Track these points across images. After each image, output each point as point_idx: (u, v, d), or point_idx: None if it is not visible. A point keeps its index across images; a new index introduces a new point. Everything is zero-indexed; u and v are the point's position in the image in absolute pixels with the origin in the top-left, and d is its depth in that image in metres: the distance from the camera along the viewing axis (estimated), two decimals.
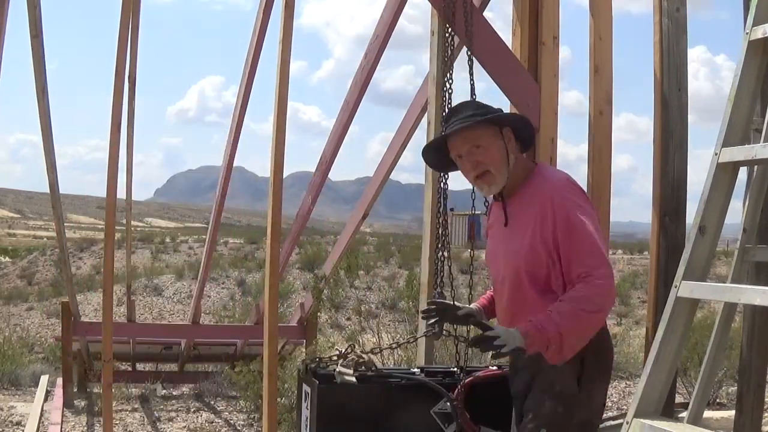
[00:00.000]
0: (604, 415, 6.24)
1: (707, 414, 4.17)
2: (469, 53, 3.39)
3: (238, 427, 6.93)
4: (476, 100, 2.68)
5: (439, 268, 3.55)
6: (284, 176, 4.11)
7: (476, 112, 2.51)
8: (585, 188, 3.70)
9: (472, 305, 2.81)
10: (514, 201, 2.54)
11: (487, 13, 4.03)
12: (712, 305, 12.05)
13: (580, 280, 2.33)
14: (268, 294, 4.05)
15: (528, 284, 2.46)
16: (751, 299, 2.46)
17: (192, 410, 7.63)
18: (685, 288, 2.60)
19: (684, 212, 3.72)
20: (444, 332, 2.87)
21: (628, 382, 8.34)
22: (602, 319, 2.41)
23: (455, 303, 2.80)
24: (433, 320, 2.76)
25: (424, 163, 2.89)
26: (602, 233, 2.47)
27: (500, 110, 2.58)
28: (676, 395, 4.25)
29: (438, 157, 2.68)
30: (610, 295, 2.37)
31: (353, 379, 2.90)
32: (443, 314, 2.76)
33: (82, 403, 7.75)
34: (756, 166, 3.03)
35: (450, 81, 3.50)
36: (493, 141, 2.48)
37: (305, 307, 8.08)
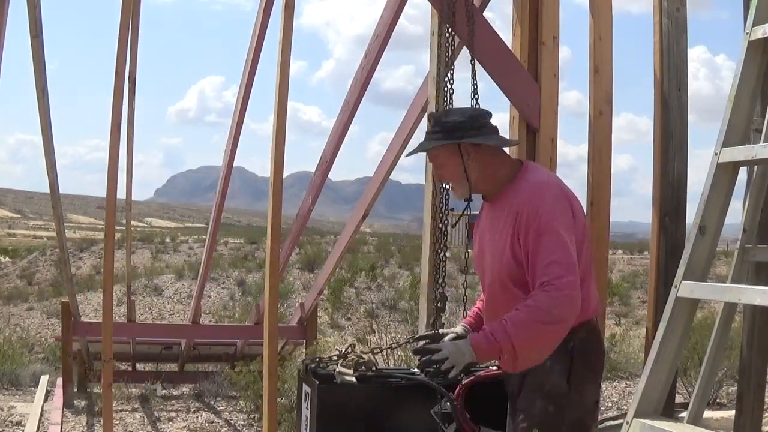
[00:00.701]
0: (604, 414, 6.25)
1: (707, 414, 4.17)
2: (470, 54, 3.39)
3: (238, 427, 6.93)
4: (447, 109, 2.71)
5: (440, 268, 3.55)
6: (284, 176, 4.11)
7: (434, 129, 2.58)
8: (585, 188, 3.71)
9: (458, 328, 2.78)
10: (498, 203, 2.55)
11: (487, 13, 4.02)
12: (712, 305, 12.04)
13: (541, 288, 2.31)
14: (268, 294, 4.05)
15: (513, 286, 2.46)
16: (751, 299, 2.46)
17: (192, 410, 7.64)
18: (685, 288, 2.60)
19: (684, 212, 3.72)
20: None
21: (628, 382, 8.34)
22: (561, 329, 2.35)
23: (440, 331, 2.80)
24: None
25: (425, 163, 2.93)
26: (573, 241, 2.40)
27: (465, 120, 2.53)
28: (676, 395, 4.25)
29: None
30: (571, 306, 2.32)
31: (353, 379, 2.91)
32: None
33: (82, 403, 7.75)
34: (756, 166, 3.03)
35: (450, 81, 3.50)
36: (448, 158, 2.56)
37: (305, 307, 8.08)
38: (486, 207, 2.64)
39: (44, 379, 8.22)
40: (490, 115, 2.62)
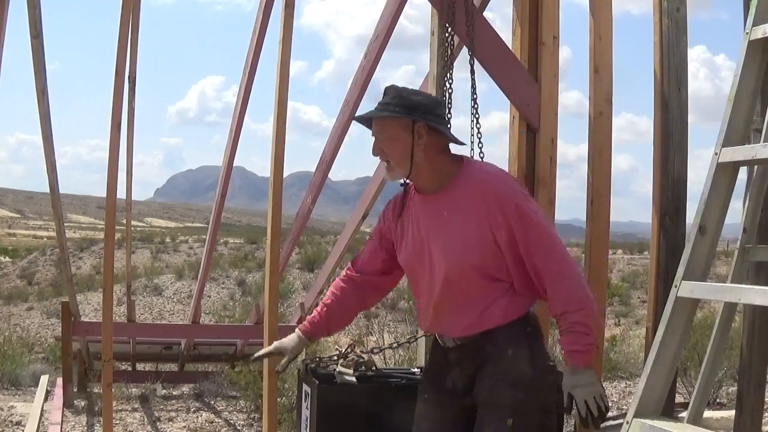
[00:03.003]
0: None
1: (707, 414, 4.17)
2: (470, 54, 3.39)
3: (238, 427, 6.93)
4: (407, 92, 2.54)
5: None
6: (284, 176, 4.11)
7: (393, 101, 2.46)
8: (585, 188, 3.72)
9: (288, 341, 2.78)
10: (444, 195, 2.48)
11: (487, 13, 4.03)
12: (712, 305, 12.05)
13: (563, 278, 2.38)
14: (268, 294, 4.05)
15: (476, 276, 2.42)
16: (751, 299, 2.46)
17: (192, 410, 7.63)
18: (685, 288, 2.60)
19: (684, 212, 3.72)
20: None
21: (628, 382, 8.34)
22: (593, 299, 2.46)
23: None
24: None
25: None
26: (551, 219, 2.57)
27: (420, 103, 2.48)
28: (676, 395, 4.25)
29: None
30: (585, 284, 2.44)
31: (353, 379, 2.91)
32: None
33: (82, 403, 7.74)
34: (756, 166, 3.03)
35: (450, 81, 3.51)
36: (399, 133, 2.45)
37: (305, 307, 8.08)
38: (420, 200, 2.54)
39: (44, 379, 8.21)
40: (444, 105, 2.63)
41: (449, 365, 2.55)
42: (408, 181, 2.56)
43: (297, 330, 2.78)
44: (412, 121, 2.45)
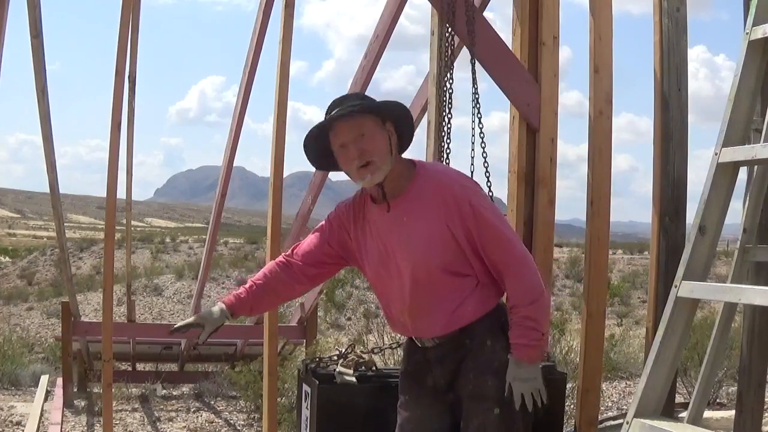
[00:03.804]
0: (604, 414, 6.25)
1: (707, 414, 4.17)
2: (470, 54, 3.40)
3: (238, 427, 6.93)
4: (363, 94, 2.65)
5: None
6: (284, 176, 4.11)
7: (360, 102, 2.46)
8: (585, 188, 3.71)
9: (212, 313, 2.64)
10: (402, 199, 2.47)
11: (487, 13, 4.03)
12: (712, 305, 12.05)
13: (513, 275, 2.42)
14: None
15: (441, 272, 2.43)
16: (751, 299, 2.46)
17: (192, 410, 7.63)
18: (685, 288, 2.60)
19: (684, 212, 3.72)
20: None
21: (628, 382, 8.34)
22: (547, 295, 2.50)
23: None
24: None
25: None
26: (502, 215, 2.57)
27: (390, 103, 2.50)
28: (676, 395, 4.25)
29: (319, 153, 2.57)
30: (536, 275, 2.45)
31: (353, 379, 2.91)
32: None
33: (82, 403, 7.74)
34: (756, 166, 3.03)
35: (450, 81, 3.51)
36: (376, 130, 2.43)
37: (305, 307, 8.08)
38: (377, 210, 2.53)
39: (44, 379, 8.21)
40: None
41: (429, 364, 2.56)
42: (367, 186, 2.51)
43: (220, 303, 2.68)
44: (382, 120, 2.46)
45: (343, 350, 3.07)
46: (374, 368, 3.01)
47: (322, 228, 2.69)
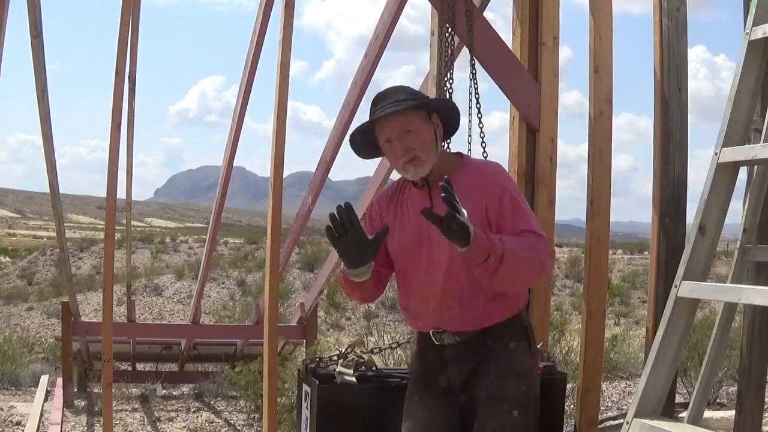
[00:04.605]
0: (604, 414, 6.26)
1: (707, 414, 4.17)
2: (470, 54, 3.40)
3: (238, 427, 6.94)
4: (409, 87, 2.60)
5: None
6: (284, 176, 4.11)
7: (407, 96, 2.47)
8: (585, 188, 3.72)
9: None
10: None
11: (487, 14, 4.03)
12: (712, 305, 12.05)
13: (527, 233, 2.36)
14: (268, 294, 4.05)
15: (465, 271, 2.39)
16: (751, 299, 2.46)
17: (192, 410, 7.64)
18: (685, 288, 2.60)
19: (684, 212, 3.72)
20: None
21: (628, 382, 8.34)
22: (538, 273, 2.37)
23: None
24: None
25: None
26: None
27: (427, 96, 2.56)
28: (676, 395, 4.25)
29: (364, 143, 2.59)
30: (550, 259, 2.42)
31: (353, 379, 2.91)
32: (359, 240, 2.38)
33: (82, 403, 7.75)
34: (756, 166, 3.03)
35: (450, 81, 3.51)
36: (423, 126, 2.45)
37: (305, 307, 8.08)
38: (418, 195, 2.53)
39: (44, 379, 8.21)
40: None
41: (444, 362, 2.53)
42: (412, 179, 2.52)
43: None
44: (428, 113, 2.48)
45: (343, 350, 3.07)
46: (374, 368, 3.01)
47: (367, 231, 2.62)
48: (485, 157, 3.27)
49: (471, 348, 2.47)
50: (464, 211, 2.20)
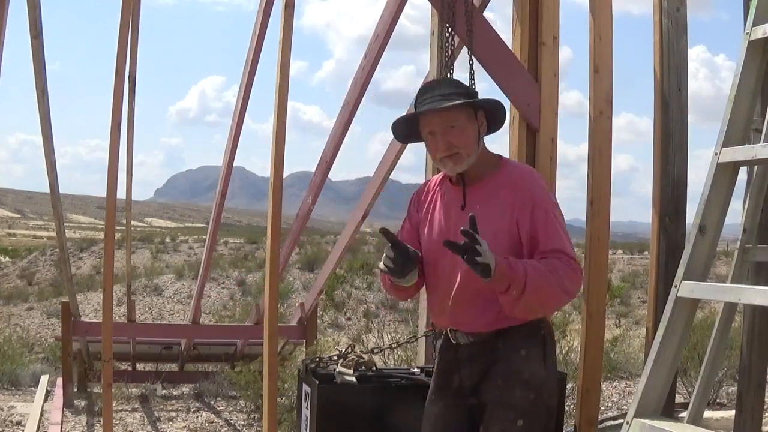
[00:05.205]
0: (604, 414, 6.26)
1: (707, 414, 4.17)
2: (470, 53, 3.40)
3: (238, 427, 6.94)
4: (458, 80, 2.62)
5: None
6: (284, 176, 4.10)
7: (456, 91, 2.48)
8: (585, 188, 3.72)
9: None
10: (479, 187, 2.49)
11: (487, 14, 4.03)
12: (712, 305, 12.04)
13: (556, 255, 2.34)
14: (268, 294, 4.05)
15: None
16: (751, 299, 2.46)
17: (192, 410, 7.64)
18: (685, 288, 2.60)
19: (684, 212, 3.72)
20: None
21: (628, 382, 8.34)
22: (564, 299, 2.39)
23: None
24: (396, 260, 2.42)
25: (425, 162, 2.83)
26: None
27: (475, 91, 2.55)
28: (676, 395, 4.25)
29: (404, 130, 2.63)
30: (578, 284, 2.38)
31: (353, 379, 2.91)
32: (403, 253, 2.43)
33: (82, 403, 7.75)
34: (756, 166, 3.03)
35: None
36: (467, 123, 2.46)
37: (305, 307, 8.08)
38: (453, 190, 2.54)
39: (44, 379, 8.21)
40: None
41: (459, 363, 2.53)
42: (449, 173, 2.54)
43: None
44: (474, 110, 2.48)
45: (343, 350, 3.07)
46: (374, 368, 3.01)
47: (407, 229, 2.67)
48: None
49: (484, 349, 2.47)
50: (485, 244, 2.21)
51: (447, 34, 3.53)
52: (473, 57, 3.40)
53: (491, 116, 2.54)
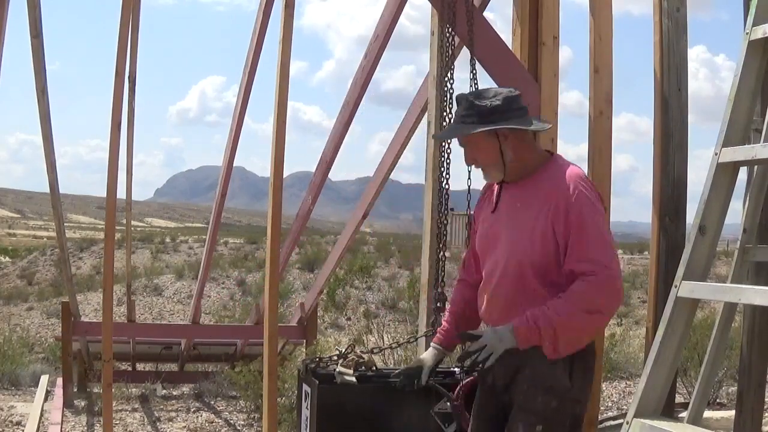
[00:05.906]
0: (604, 414, 6.25)
1: (707, 414, 4.17)
2: (470, 54, 3.40)
3: (238, 427, 6.94)
4: (476, 91, 2.64)
5: (439, 268, 3.56)
6: (284, 176, 4.11)
7: (468, 113, 2.51)
8: None
9: (426, 354, 2.77)
10: (524, 188, 2.53)
11: (487, 14, 4.04)
12: (712, 305, 12.04)
13: (583, 277, 2.33)
14: (268, 294, 4.06)
15: (532, 274, 2.44)
16: (751, 299, 2.46)
17: (192, 410, 7.64)
18: (685, 288, 2.60)
19: (684, 212, 3.72)
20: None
21: (628, 382, 8.34)
22: (603, 320, 2.43)
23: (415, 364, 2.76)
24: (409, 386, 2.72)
25: (425, 162, 2.88)
26: (611, 235, 2.49)
27: (493, 107, 2.49)
28: (676, 395, 4.25)
29: None
30: (614, 296, 2.37)
31: (353, 379, 2.91)
32: (411, 379, 2.71)
33: (82, 403, 7.75)
34: (756, 166, 3.03)
35: (450, 81, 3.51)
36: (485, 142, 2.51)
37: (305, 307, 8.08)
38: (504, 188, 2.60)
39: (44, 379, 8.21)
40: (520, 95, 2.58)
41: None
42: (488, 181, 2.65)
43: (432, 343, 2.80)
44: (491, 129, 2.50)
45: (343, 350, 3.07)
46: (374, 368, 3.01)
47: (475, 233, 2.76)
48: None
49: (512, 351, 2.46)
50: (487, 332, 2.37)
51: (447, 34, 3.53)
52: (473, 57, 3.40)
53: (515, 123, 2.53)
